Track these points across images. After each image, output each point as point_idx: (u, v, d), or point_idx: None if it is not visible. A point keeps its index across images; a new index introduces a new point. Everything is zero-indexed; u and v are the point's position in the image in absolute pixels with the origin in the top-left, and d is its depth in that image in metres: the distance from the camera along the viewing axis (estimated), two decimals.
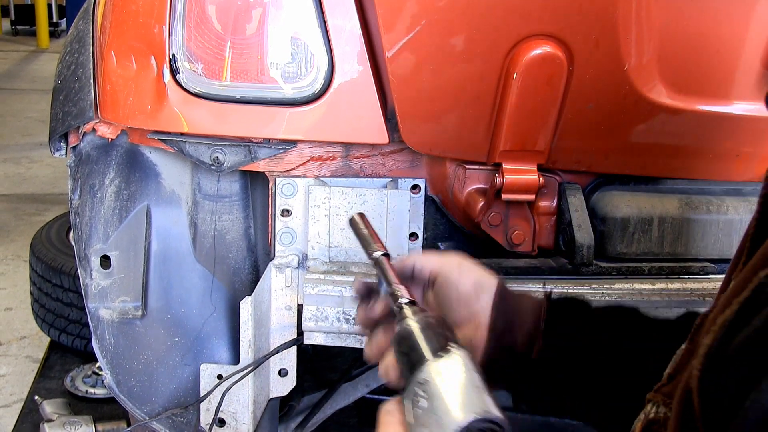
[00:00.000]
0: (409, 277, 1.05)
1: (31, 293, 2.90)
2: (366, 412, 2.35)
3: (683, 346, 0.75)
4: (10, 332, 3.24)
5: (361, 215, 1.07)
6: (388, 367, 0.96)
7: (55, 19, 10.84)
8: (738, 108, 1.41)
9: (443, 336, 0.86)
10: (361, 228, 1.06)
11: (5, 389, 2.85)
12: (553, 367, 1.06)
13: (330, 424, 1.94)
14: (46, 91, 7.36)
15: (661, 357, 0.98)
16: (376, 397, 1.71)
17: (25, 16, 10.91)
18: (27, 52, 9.86)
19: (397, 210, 1.43)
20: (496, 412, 0.78)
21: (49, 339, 2.95)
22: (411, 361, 0.84)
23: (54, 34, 10.58)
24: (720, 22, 1.37)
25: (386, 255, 1.01)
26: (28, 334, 3.20)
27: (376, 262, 1.01)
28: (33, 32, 10.37)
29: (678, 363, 0.74)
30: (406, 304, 0.92)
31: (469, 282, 1.03)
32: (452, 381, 0.80)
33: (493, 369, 1.00)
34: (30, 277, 2.89)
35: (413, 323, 0.88)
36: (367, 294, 1.06)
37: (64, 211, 3.82)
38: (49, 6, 10.56)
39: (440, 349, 0.83)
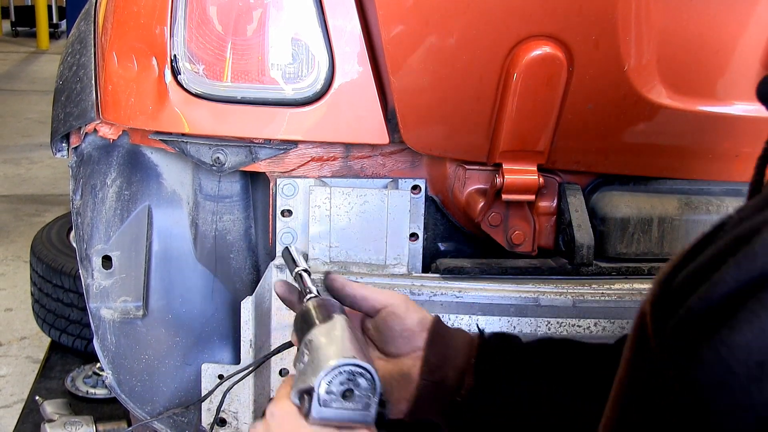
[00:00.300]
0: (350, 303, 1.11)
1: (31, 294, 2.91)
2: None
3: None
4: (10, 333, 3.24)
5: (287, 248, 1.21)
6: None
7: (55, 21, 10.85)
8: (737, 108, 1.42)
9: (330, 309, 1.00)
10: (289, 254, 1.19)
11: (5, 390, 2.86)
12: (485, 407, 1.09)
13: None
14: (45, 92, 7.37)
15: (601, 388, 1.02)
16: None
17: (25, 18, 10.91)
18: (27, 54, 9.86)
19: (397, 210, 1.43)
20: (362, 359, 0.90)
21: (49, 340, 2.96)
22: (303, 330, 0.99)
23: (54, 36, 10.59)
24: (719, 23, 1.38)
25: (306, 271, 1.13)
26: (29, 335, 3.21)
27: (296, 277, 1.13)
28: (33, 33, 10.37)
29: None
30: (312, 297, 1.06)
31: (415, 318, 1.09)
32: (330, 337, 0.94)
33: (426, 404, 1.08)
34: (31, 278, 2.89)
35: (310, 303, 1.03)
36: (289, 294, 1.14)
37: (63, 211, 3.83)
38: (49, 7, 10.57)
39: (325, 317, 0.98)
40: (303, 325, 1.01)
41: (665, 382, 0.52)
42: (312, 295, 1.07)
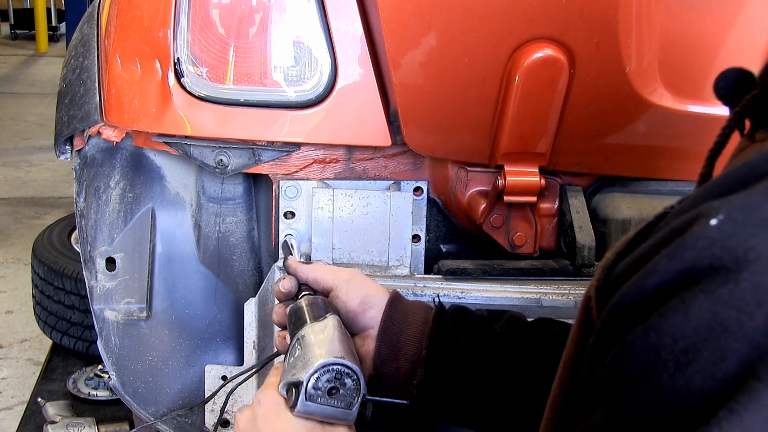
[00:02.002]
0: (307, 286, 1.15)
1: (33, 296, 2.91)
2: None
3: None
4: (11, 335, 3.25)
5: (286, 241, 1.27)
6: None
7: (54, 24, 10.84)
8: None
9: (324, 309, 1.05)
10: (287, 248, 1.25)
11: (6, 392, 2.86)
12: (437, 396, 1.09)
13: None
14: (45, 95, 7.37)
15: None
16: (377, 399, 1.71)
17: (24, 21, 10.90)
18: (26, 56, 9.86)
19: (399, 212, 1.44)
20: (351, 361, 0.95)
21: (50, 342, 2.96)
22: (296, 326, 1.04)
23: (53, 39, 10.58)
24: (720, 26, 1.38)
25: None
26: (29, 337, 3.21)
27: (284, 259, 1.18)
28: (32, 36, 10.37)
29: None
30: (305, 294, 1.11)
31: (357, 298, 1.11)
32: (321, 335, 0.99)
33: (381, 388, 1.09)
34: (32, 280, 2.89)
35: (302, 301, 1.07)
36: (295, 290, 1.16)
37: (63, 214, 3.83)
38: (48, 10, 10.56)
39: (319, 317, 1.03)
40: (296, 320, 1.05)
41: (602, 359, 0.54)
42: (306, 292, 1.11)
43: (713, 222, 0.50)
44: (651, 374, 0.49)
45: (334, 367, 0.94)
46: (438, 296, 1.23)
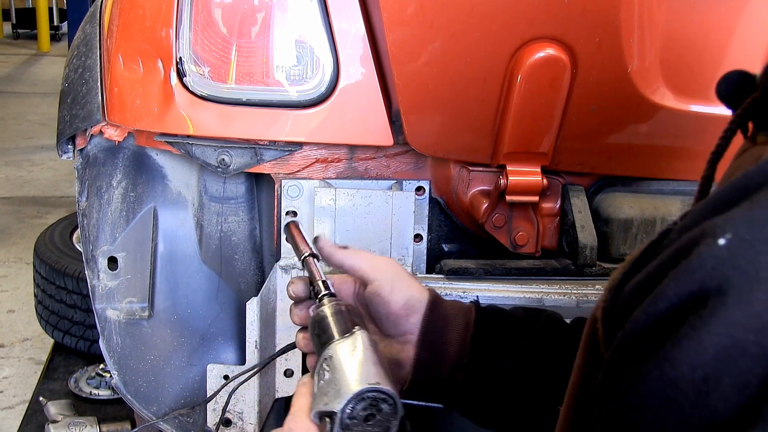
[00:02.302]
0: (340, 270, 1.09)
1: (34, 295, 2.91)
2: None
3: None
4: (13, 334, 3.25)
5: (294, 223, 1.16)
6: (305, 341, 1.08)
7: (56, 23, 10.85)
8: None
9: (350, 320, 0.96)
10: (293, 234, 1.14)
11: (8, 391, 2.86)
12: (477, 398, 1.08)
13: None
14: (47, 95, 7.38)
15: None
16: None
17: (26, 20, 10.92)
18: (28, 56, 9.87)
19: (401, 212, 1.44)
20: (387, 385, 0.89)
21: (51, 341, 2.96)
22: (321, 341, 0.96)
23: (55, 38, 10.59)
24: (722, 25, 1.38)
25: (313, 255, 1.09)
26: (31, 336, 3.21)
27: (304, 262, 1.08)
28: (34, 36, 10.38)
29: None
30: (324, 295, 1.02)
31: (400, 301, 1.05)
32: (352, 356, 0.92)
33: (418, 392, 1.07)
34: (34, 279, 2.90)
35: (326, 309, 0.98)
36: (304, 294, 1.10)
37: (65, 213, 3.83)
38: (50, 10, 10.57)
39: (346, 330, 0.94)
40: (321, 333, 0.97)
41: (615, 394, 0.52)
42: (325, 292, 1.03)
43: (721, 242, 0.48)
44: (670, 406, 0.47)
45: (370, 394, 0.89)
46: (477, 297, 1.21)
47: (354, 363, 0.91)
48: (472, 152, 1.42)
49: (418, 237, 1.49)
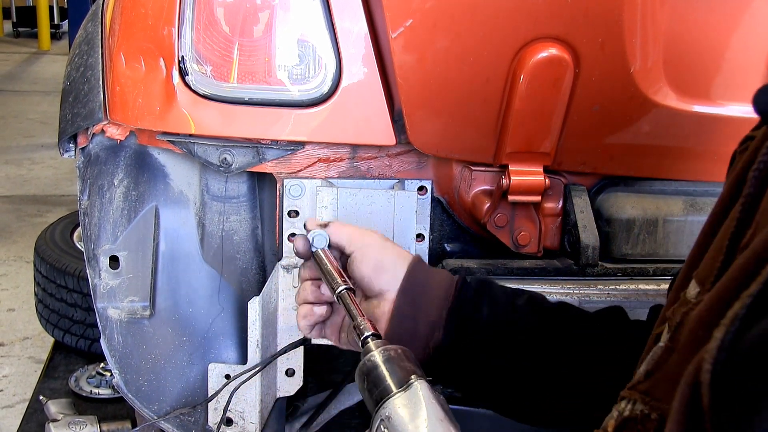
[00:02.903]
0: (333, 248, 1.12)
1: (35, 294, 2.91)
2: (368, 414, 2.36)
3: (660, 344, 0.74)
4: (13, 333, 3.25)
5: (324, 250, 1.10)
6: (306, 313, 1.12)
7: (56, 21, 10.85)
8: (743, 110, 1.42)
9: (405, 369, 0.87)
10: (324, 263, 1.08)
11: (8, 390, 2.86)
12: (452, 364, 1.07)
13: (332, 425, 1.94)
14: (47, 93, 7.38)
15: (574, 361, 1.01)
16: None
17: (27, 18, 10.92)
18: (28, 54, 9.87)
19: (403, 211, 1.44)
20: None
21: (52, 340, 2.96)
22: (374, 396, 0.86)
23: (55, 36, 10.59)
24: (725, 25, 1.38)
25: (350, 289, 1.03)
26: (31, 335, 3.21)
27: (340, 297, 1.03)
28: (34, 34, 10.38)
29: (657, 361, 0.74)
30: (370, 336, 0.93)
31: (371, 263, 1.09)
32: (413, 415, 0.81)
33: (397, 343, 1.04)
34: (34, 278, 2.90)
35: (377, 356, 0.89)
36: (307, 252, 1.12)
37: (66, 212, 3.83)
38: (51, 8, 10.57)
39: (402, 382, 0.85)
40: (372, 387, 0.87)
41: None
42: (369, 333, 0.95)
43: None
44: None
45: None
46: (462, 265, 1.22)
47: (416, 422, 0.82)
48: (475, 152, 1.42)
49: (420, 237, 1.49)
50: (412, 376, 0.85)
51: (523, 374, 1.07)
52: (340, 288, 1.02)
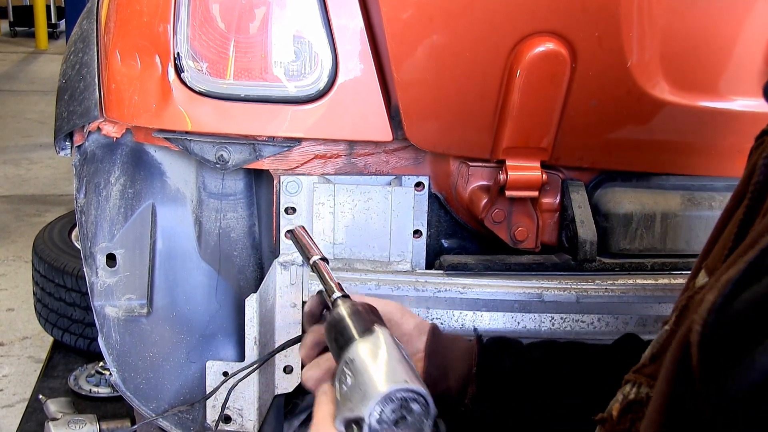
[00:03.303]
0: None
1: (33, 293, 2.91)
2: None
3: (666, 328, 0.76)
4: (12, 333, 3.24)
5: (302, 227, 1.15)
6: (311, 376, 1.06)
7: (53, 21, 10.83)
8: (740, 104, 1.42)
9: (369, 320, 0.92)
10: (300, 237, 1.12)
11: (8, 389, 2.86)
12: (489, 413, 1.10)
13: None
14: (45, 93, 7.37)
15: (604, 384, 1.03)
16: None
17: (24, 18, 10.89)
18: (26, 54, 9.85)
19: (401, 207, 1.43)
20: (416, 384, 0.83)
21: (51, 340, 2.96)
22: (340, 345, 0.91)
23: (53, 36, 10.57)
24: (722, 19, 1.38)
25: (323, 259, 1.06)
26: (30, 335, 3.21)
27: (314, 266, 1.06)
28: (32, 34, 10.36)
29: (662, 344, 0.75)
30: (338, 297, 0.98)
31: (411, 323, 1.12)
32: (375, 357, 0.86)
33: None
34: (33, 278, 2.89)
35: (342, 310, 0.94)
36: (318, 315, 1.10)
37: (64, 212, 3.82)
38: (48, 7, 10.55)
39: (365, 330, 0.90)
40: (338, 337, 0.92)
41: (715, 423, 0.49)
42: (339, 294, 0.99)
43: None
44: None
45: (398, 395, 0.82)
46: (476, 329, 1.25)
47: (378, 363, 0.85)
48: (472, 147, 1.42)
49: (417, 233, 1.48)
50: (375, 325, 0.90)
51: (552, 415, 1.10)
52: (314, 257, 1.06)
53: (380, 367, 0.85)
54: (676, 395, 0.56)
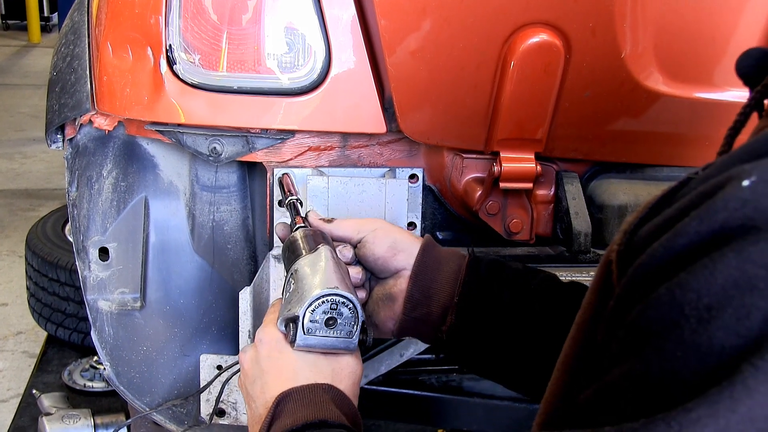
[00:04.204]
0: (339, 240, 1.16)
1: (27, 288, 2.90)
2: (360, 402, 2.35)
3: None
4: (6, 328, 3.24)
5: (288, 174, 1.31)
6: None
7: (46, 14, 10.78)
8: (734, 95, 1.42)
9: (317, 241, 1.05)
10: (285, 183, 1.27)
11: (2, 384, 2.85)
12: (466, 343, 1.12)
13: None
14: (38, 86, 7.33)
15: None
16: (370, 387, 1.72)
17: (16, 11, 10.83)
18: (18, 47, 9.80)
19: (395, 199, 1.43)
20: (346, 290, 0.95)
21: (45, 335, 2.95)
22: (290, 260, 1.04)
23: (45, 29, 10.53)
24: (716, 9, 1.37)
25: (298, 200, 1.19)
26: (24, 330, 3.20)
27: (288, 205, 1.19)
28: (24, 27, 10.31)
29: None
30: (299, 227, 1.10)
31: (384, 245, 1.12)
32: (314, 267, 0.99)
33: (410, 331, 1.12)
34: (26, 272, 2.88)
35: (297, 234, 1.08)
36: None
37: (58, 206, 3.81)
38: (40, 0, 10.50)
39: (311, 249, 1.03)
40: (290, 255, 1.05)
41: (625, 320, 0.54)
42: (301, 225, 1.11)
43: (745, 183, 0.49)
44: (672, 330, 0.49)
45: (329, 297, 0.94)
46: (472, 245, 1.23)
47: (315, 272, 0.98)
48: (466, 139, 1.42)
49: (411, 225, 1.48)
50: (320, 245, 1.03)
51: (536, 352, 1.10)
52: (291, 198, 1.19)
53: (317, 275, 0.97)
54: (598, 304, 0.61)
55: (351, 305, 0.96)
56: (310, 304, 0.94)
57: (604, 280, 0.60)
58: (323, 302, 0.95)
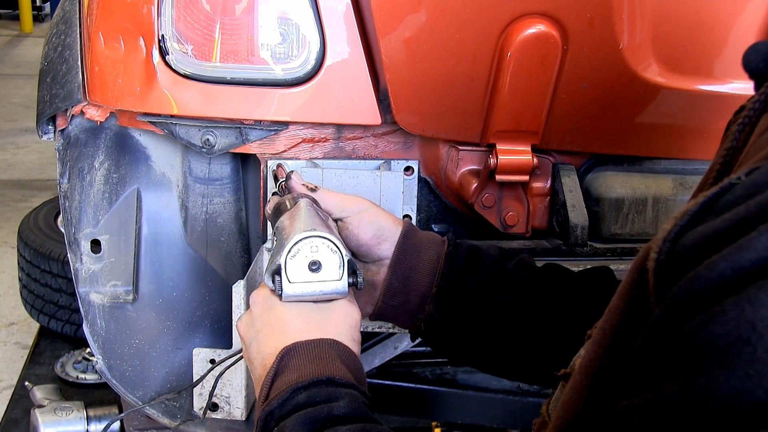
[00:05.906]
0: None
1: (19, 279, 2.88)
2: None
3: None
4: None
5: (280, 164, 1.32)
6: None
7: (38, 3, 10.69)
8: (732, 87, 1.41)
9: (298, 198, 1.06)
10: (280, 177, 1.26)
11: None
12: (443, 332, 1.13)
13: None
14: (30, 76, 7.27)
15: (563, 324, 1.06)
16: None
17: (8, 0, 10.75)
18: (10, 37, 9.73)
19: (390, 192, 1.42)
20: (325, 231, 0.94)
21: (38, 326, 2.94)
22: (274, 222, 1.05)
23: (38, 19, 10.44)
24: (714, 1, 1.36)
25: (293, 171, 1.20)
26: (17, 321, 3.18)
27: (279, 186, 1.19)
28: (16, 16, 10.23)
29: None
30: (287, 195, 1.11)
31: (369, 232, 1.11)
32: (293, 218, 0.99)
33: (389, 318, 1.13)
34: (18, 263, 2.86)
35: (285, 198, 1.09)
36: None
37: (50, 197, 3.79)
38: None
39: (293, 205, 1.04)
40: (274, 218, 1.07)
41: (678, 336, 0.52)
42: (287, 193, 1.12)
43: None
44: (742, 348, 0.47)
45: (306, 240, 0.93)
46: (451, 231, 1.23)
47: (294, 222, 0.98)
48: (461, 131, 1.40)
49: (406, 217, 1.47)
50: (300, 200, 1.04)
51: (513, 335, 1.11)
52: (281, 181, 1.19)
53: (295, 223, 0.97)
54: (630, 315, 0.59)
55: (333, 245, 0.93)
56: (290, 250, 0.92)
57: (636, 288, 0.58)
58: (303, 246, 0.93)
